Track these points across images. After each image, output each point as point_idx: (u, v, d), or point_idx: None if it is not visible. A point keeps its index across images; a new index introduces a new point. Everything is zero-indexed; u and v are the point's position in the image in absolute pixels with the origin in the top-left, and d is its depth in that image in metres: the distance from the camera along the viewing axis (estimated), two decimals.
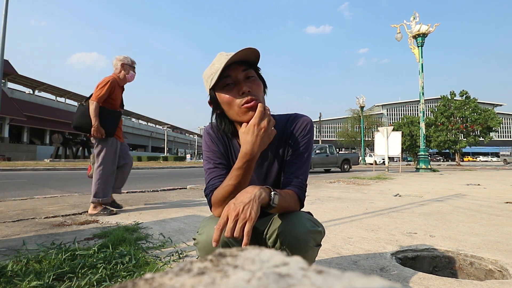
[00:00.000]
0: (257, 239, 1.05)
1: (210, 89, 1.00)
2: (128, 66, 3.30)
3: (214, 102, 1.02)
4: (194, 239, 0.98)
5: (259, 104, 0.94)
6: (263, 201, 0.84)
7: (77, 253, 1.70)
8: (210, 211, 1.03)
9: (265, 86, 1.04)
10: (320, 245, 0.99)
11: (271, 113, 1.08)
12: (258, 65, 1.04)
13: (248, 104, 0.95)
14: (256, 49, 0.95)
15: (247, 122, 0.96)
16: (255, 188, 0.85)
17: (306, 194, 1.07)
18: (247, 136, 0.92)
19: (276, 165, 1.07)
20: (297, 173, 1.02)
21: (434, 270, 1.77)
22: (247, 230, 0.77)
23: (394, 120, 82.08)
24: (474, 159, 69.81)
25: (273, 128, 0.94)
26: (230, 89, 0.96)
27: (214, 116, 1.07)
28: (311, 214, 1.05)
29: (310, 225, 0.94)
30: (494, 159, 64.62)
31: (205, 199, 1.03)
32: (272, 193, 0.88)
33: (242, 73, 0.97)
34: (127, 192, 5.06)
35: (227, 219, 0.80)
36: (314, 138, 1.16)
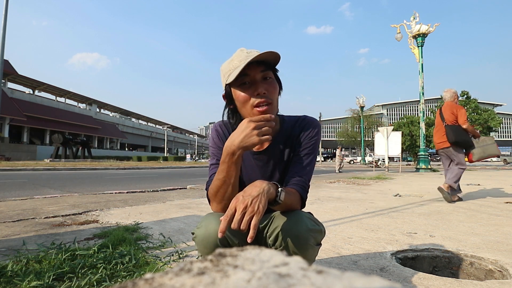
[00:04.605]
0: (256, 237, 1.05)
1: (226, 85, 1.01)
2: (456, 95, 4.50)
3: (228, 97, 1.03)
4: (193, 233, 0.99)
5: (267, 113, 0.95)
6: (270, 196, 0.85)
7: (77, 253, 1.70)
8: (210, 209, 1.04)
9: (280, 88, 1.05)
10: (320, 244, 0.99)
11: (281, 113, 1.09)
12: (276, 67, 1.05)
13: (262, 108, 0.96)
14: (277, 53, 0.96)
15: None
16: (264, 183, 0.85)
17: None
18: (235, 131, 0.92)
19: (282, 164, 1.08)
20: (301, 173, 1.02)
21: (434, 270, 1.77)
22: (254, 223, 0.78)
23: (394, 120, 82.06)
24: None
25: (268, 136, 0.91)
26: (246, 88, 0.97)
27: (227, 110, 1.08)
28: (312, 214, 1.05)
29: (311, 224, 0.94)
30: (494, 159, 64.59)
31: (205, 199, 1.04)
32: (279, 189, 0.89)
33: (260, 73, 0.97)
34: (127, 192, 5.06)
35: (235, 210, 0.80)
36: None
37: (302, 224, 0.92)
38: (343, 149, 17.63)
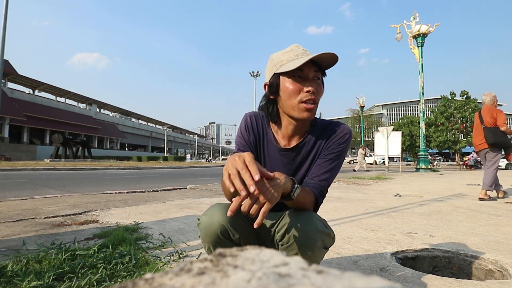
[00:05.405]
0: (260, 235, 1.06)
1: (274, 74, 1.01)
2: (495, 99, 4.69)
3: (273, 86, 1.03)
4: (198, 219, 1.01)
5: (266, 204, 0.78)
6: (285, 190, 0.85)
7: (77, 253, 1.70)
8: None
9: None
10: (327, 248, 0.99)
11: (316, 116, 1.10)
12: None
13: (309, 105, 0.97)
14: (336, 57, 0.97)
15: (297, 119, 1.00)
16: (281, 175, 0.86)
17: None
18: (232, 157, 0.82)
19: (307, 164, 1.08)
20: (322, 177, 1.02)
21: (434, 270, 1.77)
22: (264, 210, 0.78)
23: (394, 120, 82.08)
24: None
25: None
26: (297, 81, 0.98)
27: (265, 99, 1.08)
28: (325, 221, 1.05)
29: (321, 225, 0.94)
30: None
31: (205, 199, 1.04)
32: (295, 185, 0.89)
33: (313, 73, 0.99)
34: (127, 192, 5.06)
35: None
36: None
37: (312, 224, 0.92)
38: (366, 148, 16.98)
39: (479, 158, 20.73)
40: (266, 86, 1.06)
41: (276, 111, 1.07)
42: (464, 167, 21.01)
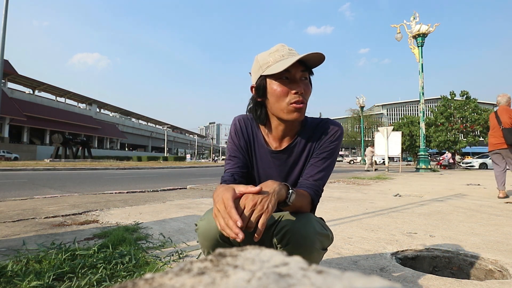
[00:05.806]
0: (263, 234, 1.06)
1: (261, 76, 0.99)
2: (510, 100, 4.87)
3: (260, 89, 1.01)
4: (196, 224, 1.00)
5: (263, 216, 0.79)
6: (280, 197, 0.84)
7: (77, 253, 1.70)
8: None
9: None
10: (326, 249, 0.98)
11: (306, 115, 1.09)
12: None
13: (298, 105, 0.96)
14: (323, 57, 0.95)
15: (287, 120, 0.99)
16: (275, 183, 0.85)
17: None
18: (217, 191, 0.85)
19: (300, 165, 1.07)
20: (316, 176, 1.02)
21: (434, 270, 1.77)
22: (262, 222, 0.77)
23: (394, 120, 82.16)
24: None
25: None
26: (284, 83, 0.96)
27: (252, 102, 1.06)
28: (323, 220, 1.05)
29: (319, 227, 0.94)
30: None
31: (205, 199, 1.03)
32: (290, 191, 0.88)
33: (300, 73, 0.97)
34: (127, 192, 5.06)
35: (244, 208, 0.79)
36: None
37: (310, 226, 0.92)
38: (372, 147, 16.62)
39: (451, 160, 20.88)
40: (253, 89, 1.04)
41: (264, 113, 1.05)
42: (439, 167, 21.01)
